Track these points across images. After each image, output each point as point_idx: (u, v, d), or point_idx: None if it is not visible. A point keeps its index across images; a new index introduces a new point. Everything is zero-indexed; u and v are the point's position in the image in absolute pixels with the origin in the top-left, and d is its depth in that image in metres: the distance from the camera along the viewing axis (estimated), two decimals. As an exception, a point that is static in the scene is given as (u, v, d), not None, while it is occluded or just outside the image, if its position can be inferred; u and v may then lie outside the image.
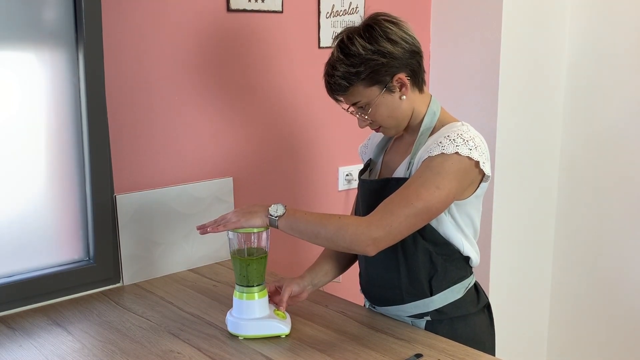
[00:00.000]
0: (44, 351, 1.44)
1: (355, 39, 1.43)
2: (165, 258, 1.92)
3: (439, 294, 1.50)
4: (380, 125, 1.50)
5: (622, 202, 2.51)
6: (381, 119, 1.48)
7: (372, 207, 1.45)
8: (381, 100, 1.45)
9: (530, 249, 2.67)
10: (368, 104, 1.46)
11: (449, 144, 1.39)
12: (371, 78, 1.43)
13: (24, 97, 1.65)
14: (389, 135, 1.57)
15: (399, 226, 1.35)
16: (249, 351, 1.42)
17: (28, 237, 1.70)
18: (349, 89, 1.45)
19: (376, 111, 1.46)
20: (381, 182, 1.51)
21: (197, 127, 1.96)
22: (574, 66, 2.57)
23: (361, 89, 1.44)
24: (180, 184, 1.94)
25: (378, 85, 1.44)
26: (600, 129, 2.53)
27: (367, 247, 1.35)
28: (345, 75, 1.43)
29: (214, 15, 1.94)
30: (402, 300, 1.53)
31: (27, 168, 1.68)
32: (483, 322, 1.57)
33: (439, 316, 1.51)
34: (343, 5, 2.25)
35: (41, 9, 1.64)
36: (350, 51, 1.42)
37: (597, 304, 2.64)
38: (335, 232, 1.36)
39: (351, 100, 1.47)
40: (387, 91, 1.45)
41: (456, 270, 1.51)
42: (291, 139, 2.21)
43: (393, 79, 1.44)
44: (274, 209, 1.41)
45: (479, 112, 2.45)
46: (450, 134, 1.41)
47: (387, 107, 1.47)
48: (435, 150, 1.39)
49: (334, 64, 1.45)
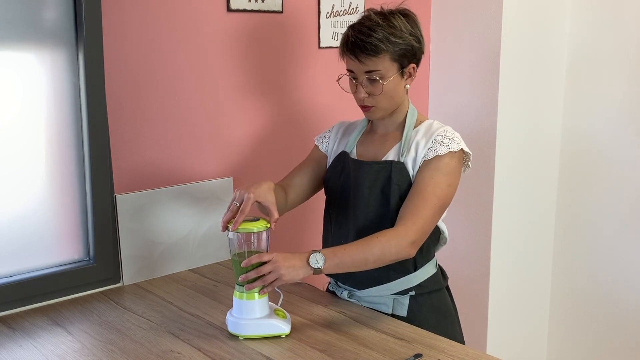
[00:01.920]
0: (44, 351, 1.44)
1: (397, 15, 1.55)
2: (165, 258, 1.92)
3: (421, 269, 1.62)
4: (374, 105, 1.57)
5: (622, 202, 2.51)
6: (384, 97, 1.56)
7: (372, 187, 1.58)
8: (394, 79, 1.55)
9: (530, 248, 2.67)
10: (383, 77, 1.53)
11: (451, 142, 1.55)
12: (399, 54, 1.53)
13: (24, 97, 1.65)
14: (374, 118, 1.62)
15: (426, 225, 1.50)
16: (249, 351, 1.42)
17: (28, 237, 1.70)
18: (381, 54, 1.51)
19: (386, 87, 1.54)
20: (382, 164, 1.59)
21: (197, 126, 1.96)
22: (573, 65, 2.57)
23: (387, 59, 1.52)
24: (180, 184, 1.94)
25: (398, 64, 1.54)
26: (600, 129, 2.53)
27: (410, 251, 1.48)
28: (384, 40, 1.50)
29: (214, 15, 1.94)
30: (389, 278, 1.60)
31: (27, 168, 1.68)
32: (449, 295, 1.73)
33: (421, 290, 1.63)
34: (343, 5, 2.25)
35: (41, 9, 1.64)
36: (392, 23, 1.52)
37: (597, 304, 2.64)
38: (380, 254, 1.45)
39: (371, 67, 1.52)
40: (400, 74, 1.56)
41: (433, 246, 1.65)
42: (291, 139, 2.21)
43: (409, 65, 1.57)
44: (314, 260, 1.42)
45: (479, 112, 2.45)
46: (447, 133, 1.56)
47: (394, 88, 1.56)
48: (441, 149, 1.54)
49: (373, 27, 1.51)
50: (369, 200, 1.59)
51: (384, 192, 1.57)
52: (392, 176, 1.56)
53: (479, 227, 2.50)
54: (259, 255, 1.43)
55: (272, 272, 1.42)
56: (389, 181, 1.56)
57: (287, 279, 1.42)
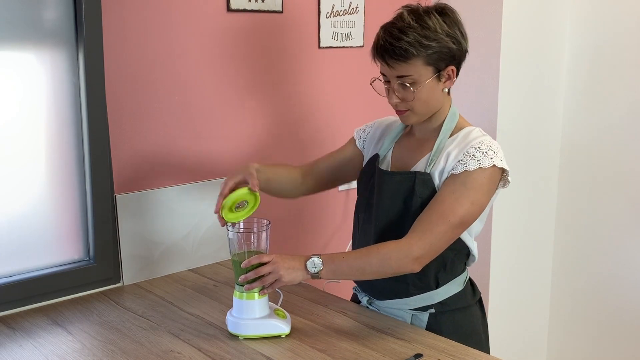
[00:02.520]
0: (44, 351, 1.44)
1: (433, 14, 1.43)
2: (165, 258, 1.92)
3: (443, 287, 1.53)
4: (408, 109, 1.48)
5: (622, 201, 2.51)
6: (419, 102, 1.46)
7: (393, 198, 1.50)
8: (429, 83, 1.45)
9: (530, 248, 2.67)
10: (415, 82, 1.43)
11: (484, 157, 1.43)
12: (433, 57, 1.42)
13: (24, 97, 1.65)
14: (409, 123, 1.54)
15: (437, 242, 1.40)
16: (249, 351, 1.42)
17: (28, 237, 1.70)
18: (413, 58, 1.41)
19: (420, 92, 1.44)
20: (405, 175, 1.50)
21: (197, 126, 1.96)
22: (574, 65, 2.57)
23: (420, 64, 1.42)
24: (180, 184, 1.94)
25: (433, 67, 1.44)
26: (600, 128, 2.53)
27: (413, 266, 1.39)
28: (415, 43, 1.40)
29: (214, 15, 1.94)
30: (408, 293, 1.53)
31: (27, 168, 1.68)
32: (479, 313, 1.62)
33: (442, 308, 1.54)
34: (343, 5, 2.25)
35: (41, 9, 1.64)
36: (426, 23, 1.41)
37: (597, 304, 2.64)
38: (379, 265, 1.39)
39: (402, 72, 1.43)
40: (436, 77, 1.45)
41: (459, 264, 1.55)
42: (291, 139, 2.21)
43: (447, 68, 1.46)
44: (311, 264, 1.40)
45: (479, 112, 2.45)
46: (481, 145, 1.44)
47: (429, 93, 1.46)
48: (471, 164, 1.42)
49: (404, 29, 1.40)
50: (389, 211, 1.51)
51: (405, 204, 1.49)
52: (416, 188, 1.47)
53: (479, 227, 2.50)
54: (258, 256, 1.42)
55: (272, 273, 1.41)
56: (411, 193, 1.47)
57: (287, 281, 1.41)
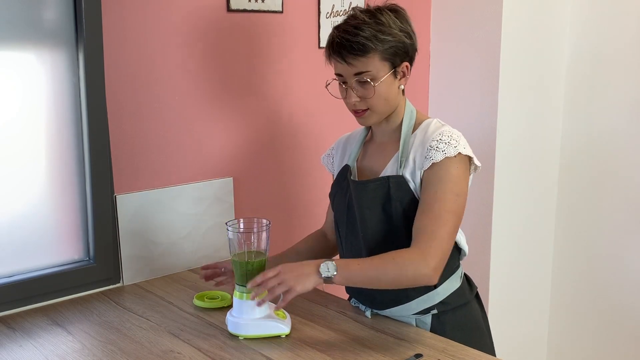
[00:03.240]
0: (44, 351, 1.44)
1: (384, 11, 1.45)
2: (165, 258, 1.92)
3: (442, 285, 1.52)
4: (368, 108, 1.48)
5: (622, 201, 2.51)
6: (378, 100, 1.46)
7: (372, 207, 1.48)
8: (386, 79, 1.45)
9: (530, 248, 2.67)
10: (374, 78, 1.44)
11: (447, 147, 1.42)
12: (389, 52, 1.43)
13: (24, 97, 1.65)
14: (368, 124, 1.53)
15: (446, 245, 1.39)
16: (249, 351, 1.42)
17: (28, 237, 1.70)
18: (370, 53, 1.41)
19: (379, 88, 1.44)
20: (378, 181, 1.48)
21: (197, 127, 1.96)
22: (573, 65, 2.57)
23: (377, 59, 1.42)
24: (180, 184, 1.94)
25: (390, 63, 1.45)
26: (599, 128, 2.53)
27: (430, 278, 1.37)
28: (372, 38, 1.40)
29: (214, 15, 1.94)
30: (408, 298, 1.52)
31: (27, 168, 1.68)
32: (478, 308, 1.62)
33: (444, 307, 1.53)
34: (343, 5, 2.25)
35: (41, 9, 1.64)
36: (380, 20, 1.43)
37: (597, 304, 2.65)
38: (395, 275, 1.37)
39: (360, 68, 1.43)
40: (392, 74, 1.46)
41: (452, 260, 1.53)
42: (291, 139, 2.21)
43: (402, 64, 1.46)
44: (324, 268, 1.35)
45: (479, 112, 2.45)
46: (442, 136, 1.44)
47: (387, 90, 1.46)
48: (437, 155, 1.42)
49: (359, 25, 1.42)
50: (371, 220, 1.49)
51: (385, 210, 1.47)
52: (391, 193, 1.46)
53: (479, 227, 2.50)
54: (262, 274, 1.38)
55: (281, 285, 1.35)
56: (388, 198, 1.46)
57: (300, 289, 1.34)
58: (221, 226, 1.97)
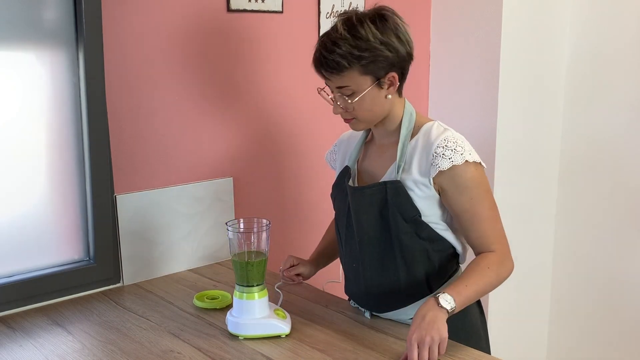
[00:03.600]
0: (44, 351, 1.44)
1: (366, 23, 1.39)
2: (165, 258, 1.92)
3: (438, 290, 1.50)
4: (354, 117, 1.47)
5: (622, 202, 2.51)
6: (361, 111, 1.44)
7: (369, 212, 1.48)
8: (369, 92, 1.42)
9: (530, 248, 2.67)
10: (355, 92, 1.42)
11: (454, 154, 1.41)
12: (369, 67, 1.40)
13: (24, 97, 1.65)
14: (357, 130, 1.52)
15: (505, 235, 1.51)
16: (249, 351, 1.42)
17: (28, 237, 1.70)
18: (346, 70, 1.39)
19: (360, 102, 1.43)
20: (375, 187, 1.47)
21: (197, 127, 1.96)
22: (573, 65, 2.57)
23: (356, 74, 1.40)
24: (180, 184, 1.94)
25: (372, 76, 1.41)
26: (599, 128, 2.53)
27: (513, 267, 1.51)
28: (347, 55, 1.38)
29: (214, 15, 1.94)
30: (403, 303, 1.52)
31: (27, 168, 1.68)
32: (477, 311, 1.60)
33: None
34: (343, 5, 2.25)
35: (41, 9, 1.64)
36: (358, 33, 1.38)
37: (597, 304, 2.64)
38: (497, 283, 1.47)
39: (339, 83, 1.42)
40: (377, 85, 1.43)
41: (449, 265, 1.54)
42: (291, 139, 2.21)
43: (387, 75, 1.43)
44: (446, 303, 1.34)
45: (479, 112, 2.45)
46: (447, 143, 1.42)
47: (371, 101, 1.44)
48: (444, 163, 1.41)
49: (337, 41, 1.38)
50: (368, 226, 1.49)
51: (382, 216, 1.46)
52: (389, 199, 1.44)
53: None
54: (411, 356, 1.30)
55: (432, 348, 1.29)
56: (385, 204, 1.45)
57: (444, 335, 1.31)
58: (221, 226, 1.97)
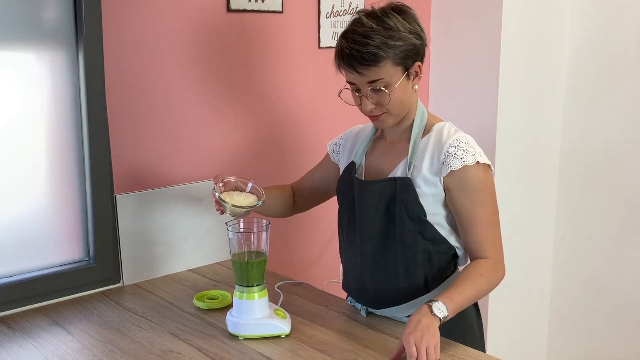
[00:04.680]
0: (44, 351, 1.44)
1: (391, 13, 1.40)
2: (165, 258, 1.92)
3: (434, 290, 1.52)
4: (384, 112, 1.45)
5: (622, 202, 2.51)
6: (395, 104, 1.43)
7: (376, 207, 1.48)
8: (400, 83, 1.42)
9: (531, 248, 2.67)
10: (388, 85, 1.41)
11: (465, 154, 1.42)
12: (402, 57, 1.40)
13: (24, 97, 1.65)
14: (384, 126, 1.50)
15: (501, 243, 1.51)
16: (249, 351, 1.42)
17: (28, 237, 1.70)
18: (381, 62, 1.38)
19: (394, 95, 1.42)
20: (386, 182, 1.47)
21: (197, 127, 1.96)
22: (574, 65, 2.57)
23: (389, 65, 1.39)
24: (180, 184, 1.94)
25: (402, 67, 1.41)
26: (600, 128, 2.53)
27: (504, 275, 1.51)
28: (382, 46, 1.37)
29: (214, 15, 1.94)
30: (399, 301, 1.52)
31: (27, 168, 1.68)
32: (473, 312, 1.60)
33: None
34: (343, 5, 2.25)
35: (41, 9, 1.64)
36: (387, 24, 1.38)
37: (597, 304, 2.64)
38: (488, 289, 1.46)
39: (373, 77, 1.40)
40: (406, 76, 1.43)
41: (449, 265, 1.54)
42: (291, 139, 2.21)
43: (414, 64, 1.43)
44: (439, 312, 1.33)
45: (479, 111, 2.45)
46: (460, 143, 1.43)
47: (402, 92, 1.43)
48: (455, 163, 1.41)
49: (368, 33, 1.37)
50: (373, 220, 1.49)
51: (389, 211, 1.47)
52: (397, 194, 1.44)
53: (479, 227, 2.50)
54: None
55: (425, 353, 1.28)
56: (393, 199, 1.45)
57: (438, 340, 1.30)
58: (221, 226, 1.97)
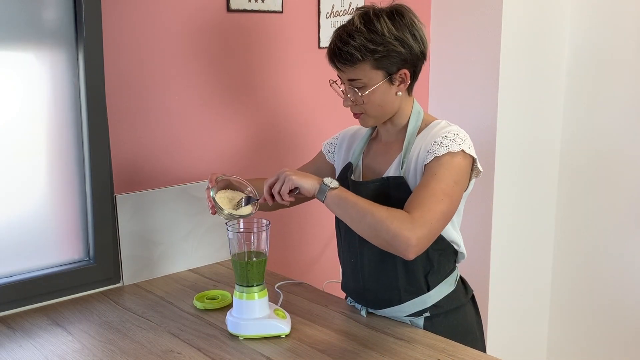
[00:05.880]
0: (44, 351, 1.44)
1: (382, 17, 1.42)
2: (165, 258, 1.92)
3: (435, 289, 1.52)
4: (362, 112, 1.48)
5: (622, 202, 2.51)
6: (371, 105, 1.46)
7: None
8: (380, 87, 1.44)
9: (530, 248, 2.67)
10: (366, 86, 1.43)
11: (452, 143, 1.41)
12: (382, 62, 1.41)
13: (24, 97, 1.65)
14: (366, 125, 1.53)
15: (436, 224, 1.32)
16: (249, 351, 1.42)
17: (28, 237, 1.70)
18: (359, 63, 1.41)
19: (370, 96, 1.44)
20: (379, 182, 1.49)
21: (197, 127, 1.96)
22: (574, 64, 2.57)
23: (368, 68, 1.42)
24: (180, 184, 1.94)
25: (384, 71, 1.43)
26: (600, 128, 2.53)
27: (408, 246, 1.28)
28: (361, 48, 1.39)
29: (214, 15, 1.94)
30: (400, 300, 1.53)
31: (27, 168, 1.68)
32: (472, 311, 1.61)
33: (436, 311, 1.53)
34: (343, 5, 2.25)
35: (41, 9, 1.64)
36: (374, 27, 1.40)
37: (597, 304, 2.65)
38: (381, 220, 1.29)
39: (351, 76, 1.44)
40: (388, 81, 1.44)
41: (448, 263, 1.54)
42: (291, 139, 2.21)
43: (399, 71, 1.44)
44: (329, 180, 1.37)
45: (479, 111, 2.45)
46: (447, 134, 1.42)
47: (381, 96, 1.45)
48: (440, 150, 1.40)
49: (352, 33, 1.41)
50: None
51: None
52: (391, 193, 1.45)
53: (479, 227, 2.50)
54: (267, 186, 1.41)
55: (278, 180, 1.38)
56: (387, 197, 1.45)
57: (296, 179, 1.36)
58: (221, 226, 1.97)
